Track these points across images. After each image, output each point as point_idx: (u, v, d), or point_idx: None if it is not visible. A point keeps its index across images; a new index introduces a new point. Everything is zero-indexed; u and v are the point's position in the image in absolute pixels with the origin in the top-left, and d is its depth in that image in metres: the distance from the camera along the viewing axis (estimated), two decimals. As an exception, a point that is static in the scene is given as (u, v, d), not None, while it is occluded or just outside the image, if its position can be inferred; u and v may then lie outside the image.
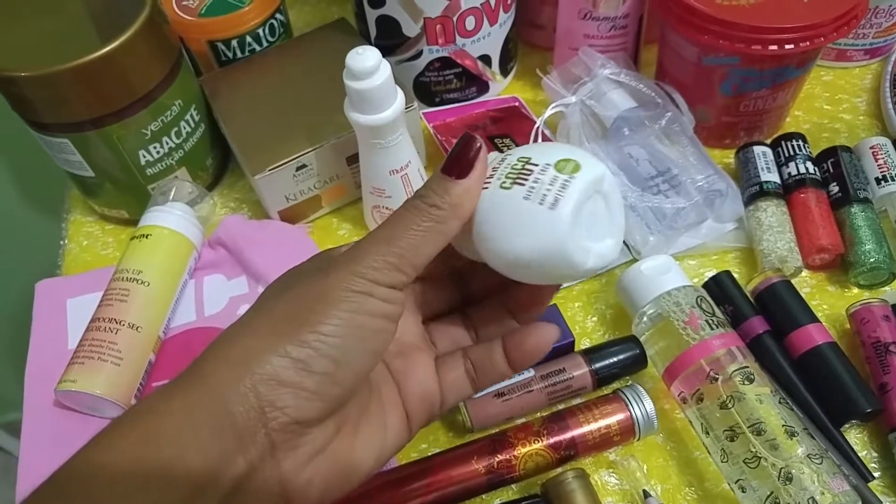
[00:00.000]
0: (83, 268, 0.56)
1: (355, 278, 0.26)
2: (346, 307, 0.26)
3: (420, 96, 0.63)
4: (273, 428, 0.25)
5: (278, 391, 0.25)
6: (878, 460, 0.43)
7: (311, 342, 0.25)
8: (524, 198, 0.27)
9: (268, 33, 0.61)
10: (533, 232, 0.27)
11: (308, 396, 0.25)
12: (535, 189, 0.27)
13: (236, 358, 0.25)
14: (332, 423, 0.27)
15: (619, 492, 0.43)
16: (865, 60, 0.64)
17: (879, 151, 0.53)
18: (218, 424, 0.24)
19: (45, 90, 0.47)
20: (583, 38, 0.60)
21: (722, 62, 0.53)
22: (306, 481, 0.26)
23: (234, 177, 0.62)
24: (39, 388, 0.48)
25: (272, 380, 0.25)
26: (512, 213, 0.28)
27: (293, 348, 0.25)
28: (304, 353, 0.25)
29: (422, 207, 0.28)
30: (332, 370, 0.26)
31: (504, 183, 0.28)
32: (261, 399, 0.25)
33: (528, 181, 0.28)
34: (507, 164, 0.29)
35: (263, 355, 0.25)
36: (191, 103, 0.55)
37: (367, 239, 0.28)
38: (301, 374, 0.25)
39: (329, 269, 0.27)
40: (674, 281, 0.45)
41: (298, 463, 0.26)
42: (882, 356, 0.43)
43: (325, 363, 0.25)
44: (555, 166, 0.28)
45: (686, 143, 0.55)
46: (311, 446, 0.26)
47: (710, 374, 0.41)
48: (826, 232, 0.50)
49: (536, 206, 0.27)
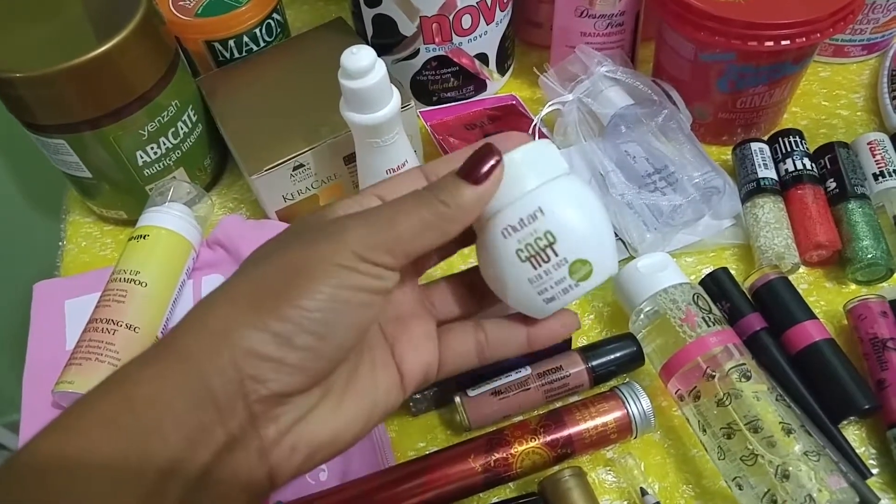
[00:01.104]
0: (82, 268, 0.57)
1: (344, 251, 0.25)
2: (331, 282, 0.25)
3: (418, 95, 0.63)
4: (253, 400, 0.24)
5: (258, 366, 0.24)
6: (876, 457, 0.43)
7: (293, 317, 0.24)
8: (528, 280, 0.29)
9: (265, 33, 0.61)
10: (522, 302, 0.30)
11: (289, 371, 0.25)
12: (542, 280, 0.29)
13: (215, 328, 0.25)
14: (317, 391, 0.26)
15: (616, 489, 0.43)
16: (863, 56, 0.64)
17: (877, 147, 0.53)
18: (196, 396, 0.24)
19: (41, 91, 0.47)
20: (580, 35, 0.60)
21: (718, 59, 0.52)
22: (290, 448, 0.26)
23: (232, 177, 0.62)
24: (38, 390, 0.48)
25: (252, 354, 0.24)
26: (513, 280, 0.29)
27: (274, 322, 0.24)
28: (286, 328, 0.24)
29: (430, 200, 0.27)
30: (315, 345, 0.25)
31: (521, 252, 0.29)
32: (240, 372, 0.24)
33: (540, 268, 0.29)
34: (538, 228, 0.28)
35: (242, 329, 0.24)
36: (188, 104, 0.55)
37: (365, 214, 0.27)
38: (282, 349, 0.24)
39: (317, 237, 0.26)
40: (670, 278, 0.45)
41: (280, 431, 0.25)
42: (880, 352, 0.43)
43: (307, 338, 0.25)
44: (570, 266, 0.29)
45: (683, 140, 0.55)
46: (293, 414, 0.26)
47: (706, 371, 0.41)
48: (823, 228, 0.49)
49: (534, 294, 0.29)
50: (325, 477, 0.43)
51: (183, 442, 0.23)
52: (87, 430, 0.23)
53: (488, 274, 0.30)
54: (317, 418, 0.27)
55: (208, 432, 0.24)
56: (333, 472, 0.43)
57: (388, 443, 0.45)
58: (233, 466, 0.25)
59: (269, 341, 0.24)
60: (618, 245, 0.53)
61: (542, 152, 0.29)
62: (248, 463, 0.25)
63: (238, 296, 0.25)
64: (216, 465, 0.24)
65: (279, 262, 0.26)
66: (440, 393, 0.45)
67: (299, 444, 0.26)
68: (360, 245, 0.26)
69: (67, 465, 0.22)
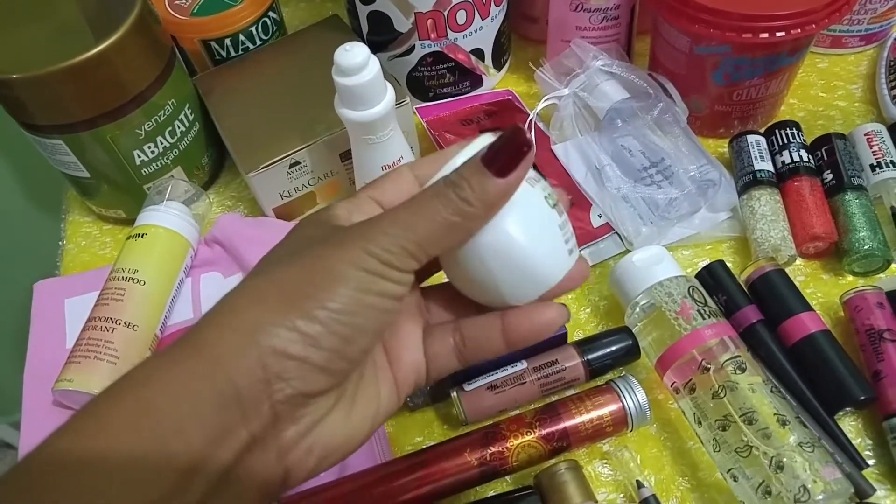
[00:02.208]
0: (81, 268, 0.57)
1: (369, 258, 0.25)
2: (357, 286, 0.25)
3: (414, 91, 0.63)
4: (278, 399, 0.24)
5: (285, 364, 0.24)
6: (872, 448, 0.43)
7: (321, 318, 0.24)
8: (559, 226, 0.28)
9: (261, 31, 0.61)
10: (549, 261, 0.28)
11: (314, 371, 0.25)
12: (566, 227, 0.29)
13: (241, 327, 0.25)
14: (333, 394, 0.27)
15: (612, 483, 0.43)
16: (861, 47, 0.64)
17: (874, 138, 0.53)
18: (221, 396, 0.24)
19: (37, 91, 0.47)
20: (575, 29, 0.60)
21: (714, 51, 0.52)
22: (306, 450, 0.26)
23: (230, 175, 0.62)
24: (38, 388, 0.48)
25: (279, 353, 0.24)
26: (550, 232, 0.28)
27: (303, 322, 0.24)
28: (314, 329, 0.24)
29: (452, 199, 0.26)
30: (340, 347, 0.25)
31: (549, 198, 0.28)
32: (267, 371, 0.24)
33: (563, 216, 0.29)
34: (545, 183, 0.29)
35: (270, 327, 0.24)
36: (185, 103, 0.55)
37: (387, 218, 0.27)
38: (309, 349, 0.24)
39: (343, 241, 0.26)
40: (666, 271, 0.45)
41: (299, 433, 0.26)
42: (876, 343, 0.43)
43: (334, 340, 0.25)
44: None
45: (679, 133, 0.55)
46: (312, 416, 0.26)
47: (701, 363, 0.41)
48: (820, 220, 0.49)
49: (562, 243, 0.29)
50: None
51: (205, 442, 0.23)
52: (106, 430, 0.23)
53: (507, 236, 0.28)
54: (332, 421, 0.27)
55: (232, 432, 0.24)
56: (331, 467, 0.43)
57: (386, 437, 0.45)
58: (252, 467, 0.25)
59: (297, 340, 0.24)
60: (614, 238, 0.53)
61: None
62: (265, 463, 0.25)
63: (264, 296, 0.25)
64: (236, 466, 0.24)
65: (304, 263, 0.26)
66: (437, 388, 0.45)
67: (315, 446, 0.26)
68: (383, 250, 0.26)
69: (85, 465, 0.22)
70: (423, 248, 0.26)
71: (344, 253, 0.26)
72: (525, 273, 0.28)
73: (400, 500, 0.40)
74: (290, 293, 0.25)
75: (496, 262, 0.28)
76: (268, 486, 0.26)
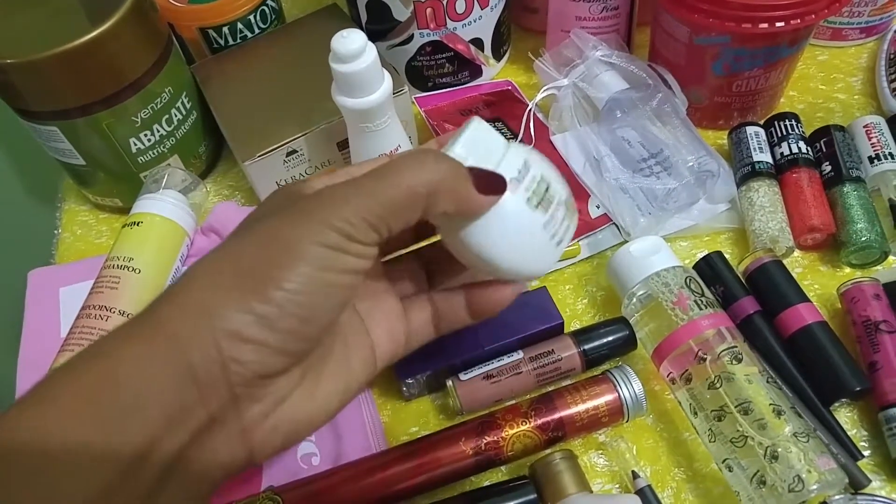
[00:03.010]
0: (77, 257, 0.57)
1: (329, 232, 0.25)
2: (316, 264, 0.24)
3: (413, 81, 0.62)
4: (236, 382, 0.24)
5: (241, 347, 0.24)
6: (867, 439, 0.42)
7: (277, 299, 0.24)
8: (543, 225, 0.30)
9: (259, 20, 0.61)
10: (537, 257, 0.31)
11: (271, 353, 0.24)
12: (552, 223, 0.30)
13: (196, 308, 0.24)
14: (297, 371, 0.26)
15: (607, 473, 0.43)
16: (861, 39, 0.63)
17: (873, 130, 0.53)
18: (178, 376, 0.23)
19: (32, 77, 0.47)
20: (574, 20, 0.60)
21: (713, 42, 0.52)
22: (271, 429, 0.26)
23: (227, 164, 0.62)
24: (32, 377, 0.48)
25: (234, 336, 0.24)
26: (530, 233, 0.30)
27: (258, 304, 0.24)
28: (269, 311, 0.24)
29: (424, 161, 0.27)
30: (298, 327, 0.25)
31: (531, 199, 0.29)
32: (223, 354, 0.24)
33: (549, 212, 0.30)
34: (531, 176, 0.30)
35: (225, 310, 0.24)
36: (182, 90, 0.55)
37: (351, 185, 0.26)
38: (265, 331, 0.24)
39: (302, 212, 0.25)
40: (663, 262, 0.45)
41: (262, 412, 0.25)
42: (872, 335, 0.43)
43: (291, 321, 0.24)
44: (565, 204, 0.31)
45: (677, 123, 0.54)
46: (276, 395, 0.26)
47: (698, 354, 0.41)
48: (818, 212, 0.49)
49: (547, 239, 0.30)
50: (318, 461, 0.43)
51: (163, 421, 0.23)
52: (65, 406, 0.23)
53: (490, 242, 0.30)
54: (298, 398, 0.27)
55: (189, 412, 0.24)
56: (326, 456, 0.43)
57: (381, 427, 0.45)
58: (211, 446, 0.25)
59: (252, 323, 0.24)
60: (612, 229, 0.53)
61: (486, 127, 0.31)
62: (227, 443, 0.25)
63: (220, 273, 0.25)
64: (193, 445, 0.24)
65: (260, 238, 0.25)
66: (433, 377, 0.45)
67: (281, 423, 0.26)
68: (344, 222, 0.25)
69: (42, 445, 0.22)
70: (385, 219, 0.25)
71: (303, 226, 0.25)
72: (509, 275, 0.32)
73: (394, 489, 0.40)
74: (246, 272, 0.24)
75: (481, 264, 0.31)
76: (230, 464, 0.25)
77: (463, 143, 0.29)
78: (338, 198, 0.25)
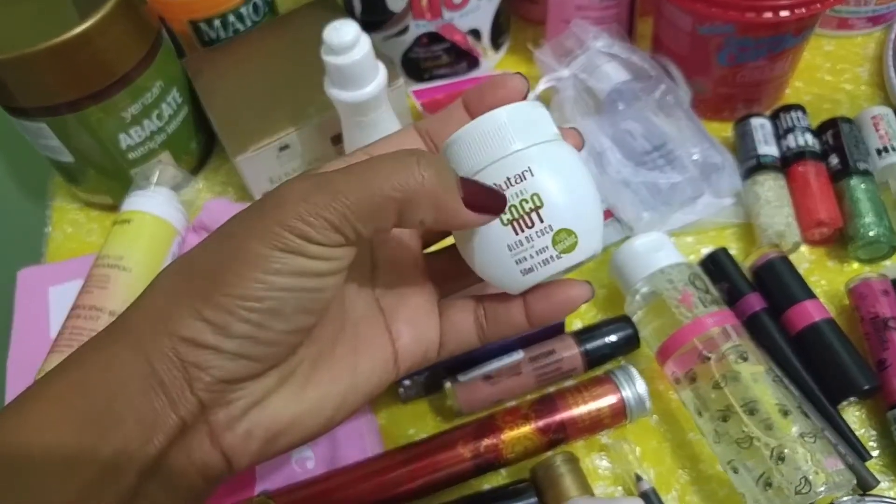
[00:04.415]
0: (67, 255, 0.56)
1: (282, 232, 0.23)
2: (267, 268, 0.23)
3: (410, 73, 0.61)
4: (198, 388, 0.23)
5: (199, 353, 0.23)
6: (876, 438, 0.41)
7: (226, 305, 0.23)
8: (507, 245, 0.26)
9: (252, 12, 0.59)
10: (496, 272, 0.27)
11: (230, 357, 0.23)
12: (522, 248, 0.26)
13: (156, 314, 0.24)
14: (273, 374, 0.25)
15: (610, 476, 0.42)
16: (868, 28, 0.62)
17: (881, 122, 0.51)
18: (146, 382, 0.23)
19: (19, 72, 0.46)
20: (575, 9, 0.58)
21: (717, 31, 0.51)
22: (244, 434, 0.25)
23: (219, 160, 0.61)
24: (21, 378, 0.47)
25: (189, 342, 0.23)
26: (489, 244, 0.26)
27: (209, 311, 0.23)
28: (221, 318, 0.23)
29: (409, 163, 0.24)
30: (255, 333, 0.23)
31: (504, 214, 0.26)
32: (182, 359, 0.23)
33: (522, 234, 0.26)
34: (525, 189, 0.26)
35: (178, 317, 0.23)
36: (172, 85, 0.54)
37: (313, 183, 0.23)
38: (218, 337, 0.23)
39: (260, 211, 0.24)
40: (667, 258, 0.44)
41: (232, 416, 0.24)
42: (881, 332, 0.42)
43: (244, 327, 0.23)
44: (554, 235, 0.26)
45: (681, 115, 0.53)
46: (246, 400, 0.25)
47: (703, 353, 0.40)
48: (825, 206, 0.48)
49: (511, 262, 0.26)
50: (313, 465, 0.42)
51: (135, 425, 0.23)
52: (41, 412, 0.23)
53: (459, 236, 0.28)
54: (275, 403, 0.25)
55: (161, 416, 0.23)
56: (321, 460, 0.42)
57: (377, 430, 0.44)
58: (187, 451, 0.24)
59: (205, 329, 0.23)
60: (614, 225, 0.52)
61: (532, 113, 0.27)
62: (200, 448, 0.24)
63: (180, 276, 0.24)
64: (171, 451, 0.24)
65: (216, 241, 0.24)
66: (430, 379, 0.44)
67: (255, 429, 0.25)
68: (300, 221, 0.23)
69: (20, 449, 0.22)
70: (350, 221, 0.23)
71: (257, 229, 0.23)
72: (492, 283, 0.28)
73: (391, 493, 0.39)
74: (200, 277, 0.24)
75: None
76: (209, 470, 0.25)
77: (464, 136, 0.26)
78: (295, 195, 0.23)
